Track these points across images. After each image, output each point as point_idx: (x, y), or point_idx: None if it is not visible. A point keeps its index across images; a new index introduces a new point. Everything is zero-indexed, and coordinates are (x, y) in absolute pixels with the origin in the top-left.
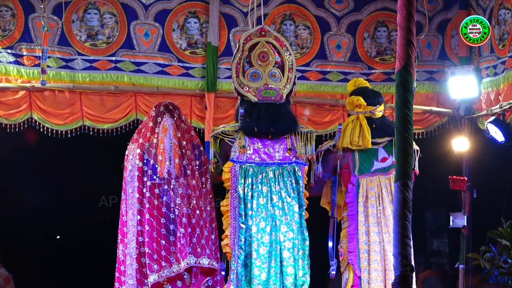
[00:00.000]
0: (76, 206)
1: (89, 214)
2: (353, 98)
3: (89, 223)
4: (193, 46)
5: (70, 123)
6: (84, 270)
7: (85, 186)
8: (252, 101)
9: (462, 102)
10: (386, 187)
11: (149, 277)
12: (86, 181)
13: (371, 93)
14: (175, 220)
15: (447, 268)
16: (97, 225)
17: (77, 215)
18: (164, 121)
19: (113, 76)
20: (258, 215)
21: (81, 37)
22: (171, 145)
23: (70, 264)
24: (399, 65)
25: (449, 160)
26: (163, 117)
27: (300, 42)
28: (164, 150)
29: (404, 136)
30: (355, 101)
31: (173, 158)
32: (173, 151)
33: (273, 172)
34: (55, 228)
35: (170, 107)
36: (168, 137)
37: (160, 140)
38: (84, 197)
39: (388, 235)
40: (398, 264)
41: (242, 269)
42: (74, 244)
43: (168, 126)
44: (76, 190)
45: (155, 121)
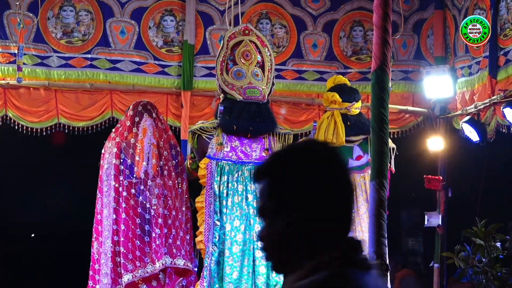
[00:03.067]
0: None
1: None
2: (328, 94)
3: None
4: (169, 44)
5: (45, 120)
6: (57, 269)
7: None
8: (237, 99)
9: (437, 102)
10: (360, 185)
11: (123, 277)
12: (62, 179)
13: (348, 90)
14: (151, 221)
15: (422, 267)
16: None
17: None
18: (144, 121)
19: (89, 73)
20: (232, 213)
21: (56, 34)
22: (149, 145)
23: (42, 263)
24: (375, 65)
25: (424, 160)
26: (142, 117)
27: (276, 41)
28: (142, 150)
29: (380, 135)
30: (330, 97)
31: (151, 158)
32: (151, 152)
33: (249, 171)
34: (28, 226)
35: (149, 107)
36: (148, 137)
37: (139, 140)
38: (61, 197)
39: (361, 234)
40: None
41: (215, 266)
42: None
43: (148, 127)
44: (52, 190)
45: (133, 120)
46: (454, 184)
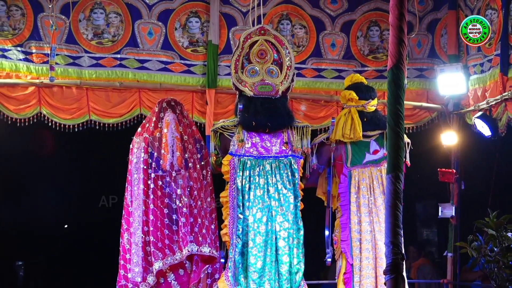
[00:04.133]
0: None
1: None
2: (345, 92)
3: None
4: (194, 44)
5: (77, 117)
6: (87, 259)
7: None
8: (248, 95)
9: (450, 98)
10: (377, 178)
11: (154, 264)
12: (92, 173)
13: (364, 88)
14: (177, 210)
15: (436, 256)
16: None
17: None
18: (167, 116)
19: (118, 72)
20: (255, 206)
21: (87, 35)
22: (173, 138)
23: (74, 256)
24: (391, 63)
25: (438, 154)
26: (166, 112)
27: (297, 40)
28: (167, 143)
29: (396, 130)
30: (347, 95)
31: (175, 151)
32: (175, 145)
33: (270, 165)
34: (63, 221)
35: (172, 103)
36: (170, 131)
37: (163, 134)
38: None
39: (379, 225)
40: (389, 252)
41: (239, 257)
42: (76, 238)
43: (170, 121)
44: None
45: (158, 116)
46: (467, 177)
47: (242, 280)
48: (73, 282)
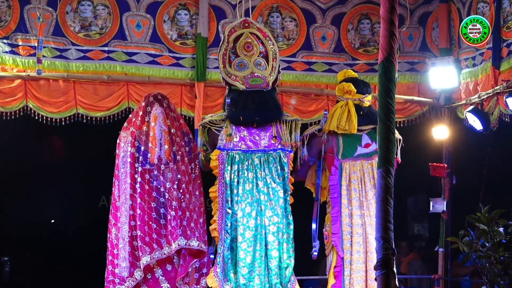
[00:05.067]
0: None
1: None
2: (344, 84)
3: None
4: (183, 37)
5: (64, 111)
6: (75, 255)
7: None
8: (240, 89)
9: (442, 92)
10: (368, 171)
11: (142, 259)
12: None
13: (361, 83)
14: (165, 204)
15: (427, 251)
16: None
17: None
18: (154, 109)
19: (106, 65)
20: (243, 200)
21: (75, 28)
22: (161, 131)
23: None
24: (382, 56)
25: (430, 148)
26: (153, 106)
27: (287, 33)
28: (154, 137)
29: (387, 124)
30: (346, 87)
31: (163, 144)
32: (163, 138)
33: (259, 159)
34: (48, 213)
35: (159, 97)
36: (158, 124)
37: (151, 128)
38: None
39: (369, 218)
40: (380, 247)
41: (228, 252)
42: (65, 234)
43: (158, 114)
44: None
45: (145, 110)
46: (459, 171)
47: (231, 276)
48: (61, 278)
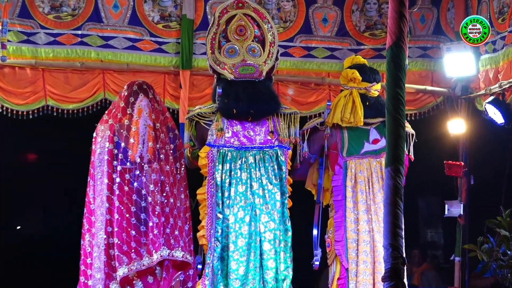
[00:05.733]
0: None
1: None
2: (348, 71)
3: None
4: (166, 19)
5: (32, 102)
6: (47, 264)
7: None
8: (228, 78)
9: (458, 81)
10: (376, 171)
11: (118, 270)
12: (50, 166)
13: (369, 70)
14: (147, 209)
15: (442, 260)
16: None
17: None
18: (139, 101)
19: (79, 51)
20: (236, 204)
21: (44, 8)
22: (145, 126)
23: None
24: (390, 41)
25: (445, 144)
26: (137, 97)
27: (283, 15)
28: (137, 132)
29: (396, 117)
30: (350, 74)
31: (146, 141)
32: (147, 134)
33: (254, 157)
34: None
35: (144, 87)
36: (143, 118)
37: (134, 122)
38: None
39: (378, 224)
40: (388, 256)
41: (218, 262)
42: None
43: (143, 107)
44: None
45: (127, 101)
46: (477, 170)
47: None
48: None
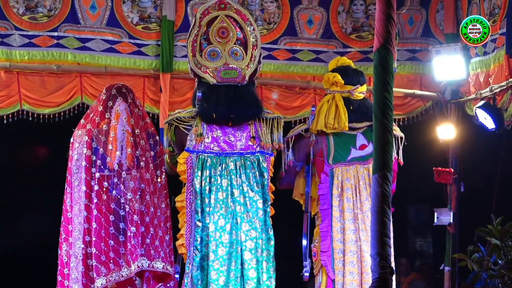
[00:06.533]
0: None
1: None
2: (329, 74)
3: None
4: (146, 21)
5: (6, 107)
6: (21, 274)
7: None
8: (211, 83)
9: (448, 85)
10: (364, 178)
11: (96, 281)
12: (25, 175)
13: (352, 72)
14: (126, 218)
15: (432, 270)
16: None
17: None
18: (117, 105)
19: (55, 54)
20: (216, 212)
21: (18, 9)
22: (123, 132)
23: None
24: (378, 43)
25: (434, 150)
26: (115, 101)
27: (267, 16)
28: (115, 138)
29: (383, 122)
30: (331, 78)
31: (125, 147)
32: (125, 140)
33: (234, 163)
34: None
35: (123, 90)
36: (121, 123)
37: (111, 127)
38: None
39: (365, 233)
40: (376, 266)
41: (198, 272)
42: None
43: (121, 112)
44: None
45: (106, 105)
46: (467, 177)
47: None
48: None
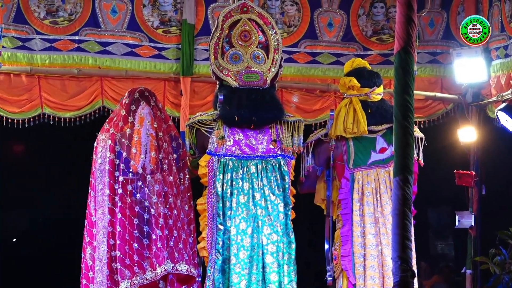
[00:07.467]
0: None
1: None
2: (345, 79)
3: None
4: (166, 24)
5: (28, 111)
6: (46, 279)
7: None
8: (232, 86)
9: (469, 87)
10: (384, 181)
11: (121, 285)
12: (47, 178)
13: (367, 74)
14: (150, 221)
15: (453, 273)
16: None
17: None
18: (140, 109)
19: (76, 58)
20: (238, 215)
21: (39, 13)
22: (147, 136)
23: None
24: (398, 46)
25: (455, 153)
26: (139, 105)
27: (287, 19)
28: (139, 141)
29: (404, 125)
30: (347, 82)
31: (149, 151)
32: (149, 143)
33: (256, 166)
34: (12, 230)
35: (146, 94)
36: (145, 127)
37: (136, 131)
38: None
39: (386, 237)
40: (397, 269)
41: (219, 275)
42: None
43: (145, 116)
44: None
45: (129, 109)
46: (488, 180)
47: None
48: None
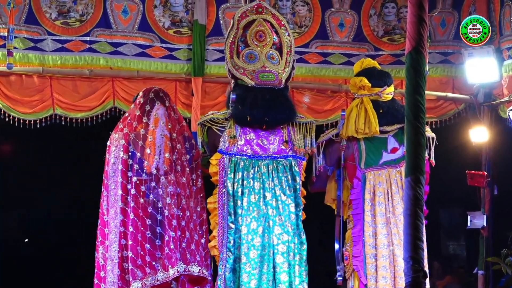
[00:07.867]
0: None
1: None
2: (355, 79)
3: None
4: (177, 25)
5: (40, 111)
6: (58, 278)
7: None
8: (249, 85)
9: (481, 87)
10: (396, 182)
11: (132, 285)
12: (58, 178)
13: (378, 74)
14: (163, 222)
15: (465, 273)
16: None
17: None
18: (155, 110)
19: (88, 58)
20: (249, 215)
21: (51, 14)
22: (162, 137)
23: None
24: (410, 46)
25: (467, 153)
26: (153, 105)
27: (298, 20)
28: (154, 142)
29: (415, 125)
30: (358, 82)
31: (163, 152)
32: (163, 144)
33: (267, 166)
34: (23, 230)
35: (161, 94)
36: (160, 128)
37: (150, 131)
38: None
39: (398, 238)
40: (409, 269)
41: (230, 274)
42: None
43: (160, 116)
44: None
45: (143, 109)
46: (500, 180)
47: None
48: None
